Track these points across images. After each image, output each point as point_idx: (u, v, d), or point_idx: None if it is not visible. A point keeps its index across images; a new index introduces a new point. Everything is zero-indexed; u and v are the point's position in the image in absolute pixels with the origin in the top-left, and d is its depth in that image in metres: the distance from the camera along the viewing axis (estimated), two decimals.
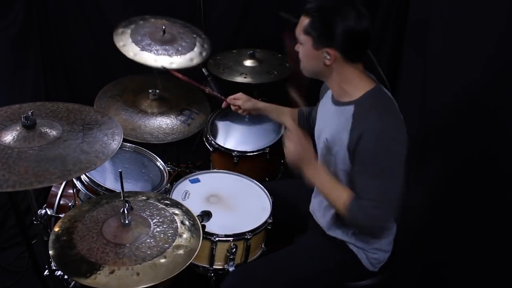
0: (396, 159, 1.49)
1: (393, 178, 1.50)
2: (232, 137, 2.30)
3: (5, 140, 1.46)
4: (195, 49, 2.27)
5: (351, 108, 1.55)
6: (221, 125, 2.38)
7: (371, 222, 1.52)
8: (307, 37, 1.54)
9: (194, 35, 2.35)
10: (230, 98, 2.21)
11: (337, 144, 1.57)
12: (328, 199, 1.62)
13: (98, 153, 1.48)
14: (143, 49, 2.18)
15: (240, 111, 2.18)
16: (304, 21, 1.54)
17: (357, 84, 1.57)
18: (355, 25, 1.47)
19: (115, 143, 1.54)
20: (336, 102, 1.63)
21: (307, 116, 2.04)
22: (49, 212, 1.71)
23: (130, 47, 2.18)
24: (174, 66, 2.16)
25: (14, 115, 1.60)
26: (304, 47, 1.57)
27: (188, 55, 2.21)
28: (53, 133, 1.52)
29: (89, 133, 1.56)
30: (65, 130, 1.55)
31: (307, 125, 2.02)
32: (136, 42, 2.21)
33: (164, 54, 2.19)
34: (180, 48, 2.24)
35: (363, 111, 1.52)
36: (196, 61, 2.22)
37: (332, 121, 1.63)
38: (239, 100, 2.17)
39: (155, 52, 2.19)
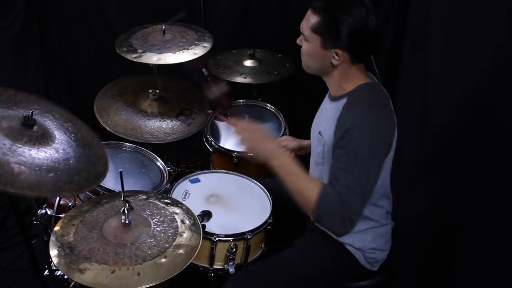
0: (376, 152, 1.47)
1: (367, 171, 1.46)
2: (232, 137, 2.30)
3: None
4: (197, 42, 2.25)
5: (344, 100, 1.56)
6: (221, 125, 2.38)
7: (344, 210, 1.43)
8: (315, 36, 1.50)
9: (195, 31, 2.35)
10: None
11: (327, 134, 1.58)
12: (293, 186, 1.51)
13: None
14: (145, 50, 2.17)
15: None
16: (312, 18, 1.49)
17: (353, 81, 1.57)
18: (365, 26, 1.45)
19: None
20: (333, 98, 1.64)
21: None
22: (49, 212, 1.71)
23: (131, 52, 2.17)
24: (179, 62, 2.13)
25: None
26: (310, 44, 1.54)
27: (191, 50, 2.20)
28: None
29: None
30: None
31: None
32: (138, 46, 2.20)
33: (166, 52, 2.17)
34: (182, 44, 2.22)
35: (352, 102, 1.53)
36: (199, 54, 2.19)
37: (327, 115, 1.64)
38: (284, 141, 2.03)
39: (158, 51, 2.17)
